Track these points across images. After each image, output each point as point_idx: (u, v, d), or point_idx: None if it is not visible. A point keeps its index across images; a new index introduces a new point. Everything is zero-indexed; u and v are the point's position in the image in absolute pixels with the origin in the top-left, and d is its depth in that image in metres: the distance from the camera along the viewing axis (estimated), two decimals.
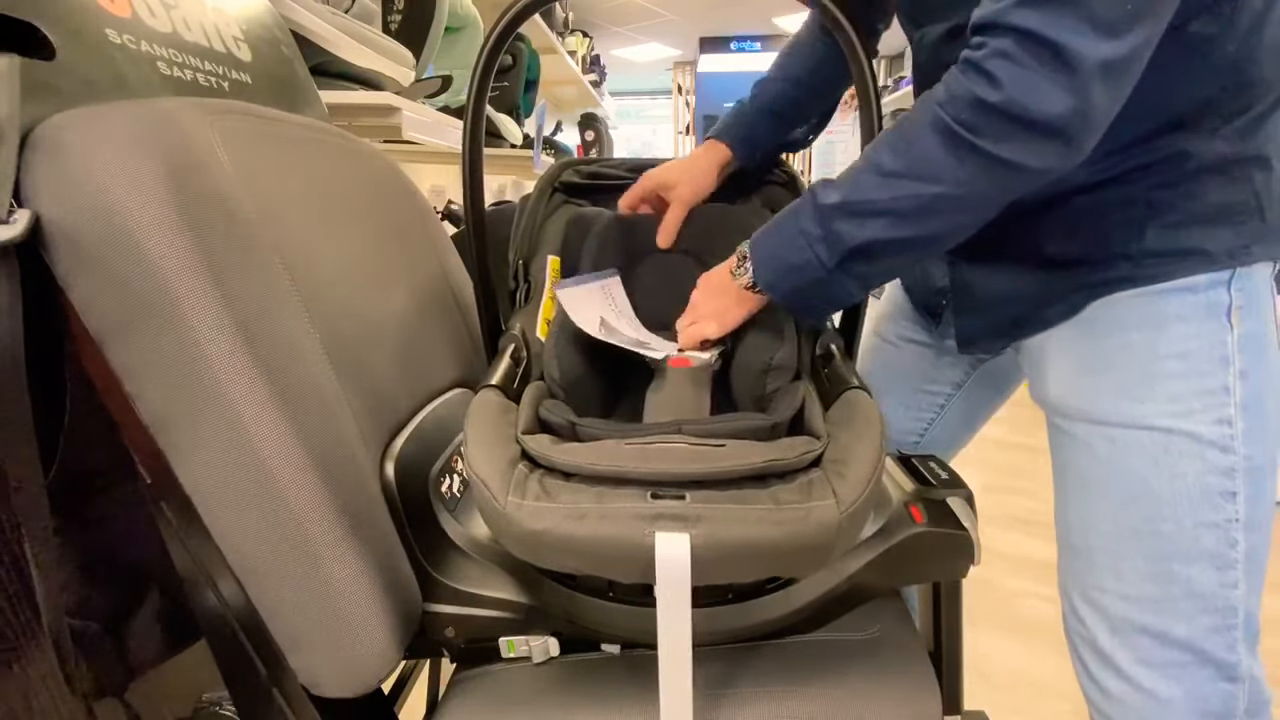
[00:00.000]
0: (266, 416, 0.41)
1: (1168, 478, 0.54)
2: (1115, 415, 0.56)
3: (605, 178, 0.76)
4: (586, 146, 3.10)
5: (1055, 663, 1.33)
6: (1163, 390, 0.54)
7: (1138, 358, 0.55)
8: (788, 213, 0.55)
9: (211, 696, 0.57)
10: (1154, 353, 0.55)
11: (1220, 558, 0.54)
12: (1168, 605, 0.55)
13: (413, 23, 1.21)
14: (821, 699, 0.51)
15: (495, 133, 1.77)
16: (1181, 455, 0.54)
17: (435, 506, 0.55)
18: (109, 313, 0.39)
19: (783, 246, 0.55)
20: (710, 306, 0.60)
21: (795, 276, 0.54)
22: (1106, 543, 0.58)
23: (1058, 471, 0.63)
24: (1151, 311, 0.55)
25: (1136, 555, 0.56)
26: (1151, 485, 0.55)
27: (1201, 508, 0.54)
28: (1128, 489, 0.56)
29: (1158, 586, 0.55)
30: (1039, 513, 1.82)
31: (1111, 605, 0.58)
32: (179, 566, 0.44)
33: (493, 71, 0.53)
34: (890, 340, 0.83)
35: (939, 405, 0.81)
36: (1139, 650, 0.56)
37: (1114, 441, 0.57)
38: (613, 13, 4.44)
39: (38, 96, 0.40)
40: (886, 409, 0.82)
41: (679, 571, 0.38)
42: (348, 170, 0.64)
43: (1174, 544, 0.54)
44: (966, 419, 0.83)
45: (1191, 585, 0.54)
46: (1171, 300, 0.54)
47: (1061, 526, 0.63)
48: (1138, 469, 0.55)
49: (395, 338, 0.60)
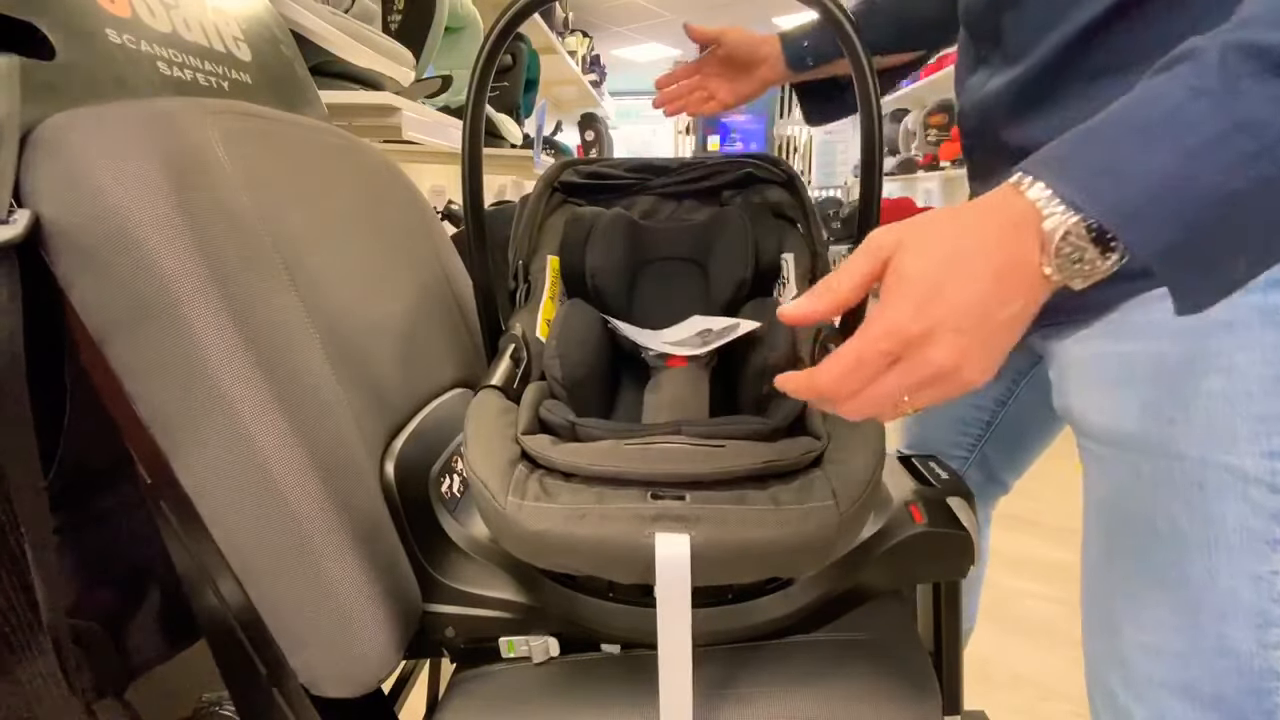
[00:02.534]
0: (266, 416, 0.41)
1: (1201, 520, 0.45)
2: (1143, 440, 0.48)
3: (605, 178, 0.76)
4: (586, 146, 3.11)
5: (1055, 663, 1.33)
6: (1200, 412, 0.45)
7: (1171, 371, 0.46)
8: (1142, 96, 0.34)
9: (211, 696, 0.57)
10: (1192, 366, 0.45)
11: (1262, 615, 0.45)
12: (1195, 661, 0.47)
13: (413, 23, 1.21)
14: (821, 699, 0.51)
15: (495, 133, 1.77)
16: (1219, 493, 0.45)
17: (435, 506, 0.55)
18: (109, 313, 0.39)
19: (1152, 144, 0.32)
20: (952, 303, 0.33)
21: (1189, 195, 0.31)
22: (1126, 586, 0.50)
23: (1085, 493, 0.55)
24: (1190, 317, 0.42)
25: (1160, 604, 0.48)
26: (1180, 527, 0.46)
27: (1242, 557, 0.44)
28: (1153, 528, 0.48)
29: (1183, 641, 0.47)
30: (1039, 513, 1.82)
31: (1130, 655, 0.50)
32: (179, 566, 0.44)
33: (492, 71, 0.53)
34: None
35: (985, 422, 0.75)
36: (1159, 708, 0.49)
37: (1138, 471, 0.48)
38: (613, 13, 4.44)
39: (38, 96, 0.40)
40: (929, 420, 0.80)
41: (679, 572, 0.38)
42: (348, 170, 0.64)
43: (1205, 596, 0.46)
44: (1016, 445, 0.76)
45: (1225, 643, 0.45)
46: (1216, 307, 0.43)
47: (1085, 551, 0.56)
48: (1165, 506, 0.47)
49: (395, 338, 0.60)
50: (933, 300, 0.33)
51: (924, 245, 0.34)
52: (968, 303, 0.33)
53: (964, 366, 0.34)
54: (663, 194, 0.77)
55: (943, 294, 0.33)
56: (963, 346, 0.33)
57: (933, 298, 0.33)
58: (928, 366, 0.33)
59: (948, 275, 0.33)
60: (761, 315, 0.62)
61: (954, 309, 0.33)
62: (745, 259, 0.68)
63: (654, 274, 0.72)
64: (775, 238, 0.69)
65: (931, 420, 0.80)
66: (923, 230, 0.35)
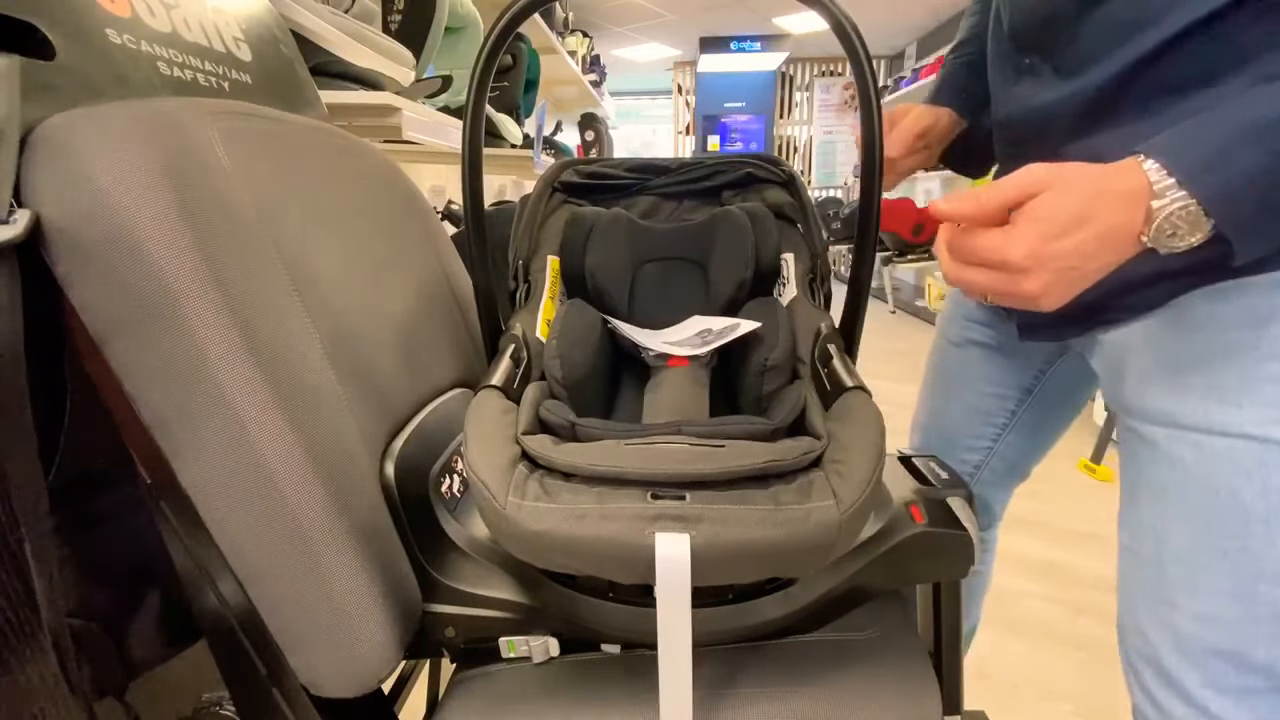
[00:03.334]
0: (266, 416, 0.41)
1: (1261, 491, 0.49)
2: (1205, 421, 0.51)
3: (605, 178, 0.76)
4: (586, 146, 3.11)
5: (1055, 663, 1.33)
6: (1263, 395, 0.49)
7: (1236, 358, 0.50)
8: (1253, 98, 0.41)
9: (211, 696, 0.57)
10: (1256, 352, 0.49)
11: None
12: (1249, 628, 0.50)
13: (413, 23, 1.21)
14: (822, 699, 0.51)
15: (495, 133, 1.77)
16: (1278, 466, 0.49)
17: (435, 506, 0.55)
18: (109, 313, 0.39)
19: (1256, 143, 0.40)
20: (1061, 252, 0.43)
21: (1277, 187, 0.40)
22: (1183, 555, 0.53)
23: (1129, 478, 0.58)
24: (1256, 306, 0.49)
25: (1219, 572, 0.51)
26: (1242, 498, 0.50)
27: None
28: (1214, 501, 0.51)
29: (1240, 607, 0.50)
30: (1040, 513, 1.82)
31: (1182, 623, 0.53)
32: (179, 566, 0.44)
33: (492, 71, 0.53)
34: (954, 341, 0.79)
35: (1009, 411, 0.77)
36: (1211, 673, 0.52)
37: (1201, 449, 0.51)
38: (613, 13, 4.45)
39: (38, 96, 0.40)
40: (951, 414, 0.81)
41: (679, 572, 0.38)
42: (348, 170, 0.64)
43: (1264, 563, 0.49)
44: (1036, 431, 0.78)
45: (1277, 607, 0.49)
46: (1277, 294, 0.48)
47: (1129, 533, 0.58)
48: (1228, 480, 0.50)
49: (395, 338, 0.60)
50: (1048, 245, 0.42)
51: (1063, 197, 0.43)
52: (1072, 254, 0.42)
53: (1043, 298, 0.44)
54: (663, 194, 0.77)
55: (1059, 242, 0.42)
56: (1051, 284, 0.43)
57: (1049, 243, 0.42)
58: (1016, 288, 0.44)
59: (1069, 229, 0.42)
60: (761, 315, 0.62)
61: (1059, 257, 0.42)
62: (745, 259, 0.68)
63: (654, 274, 0.72)
64: (775, 238, 0.69)
65: (951, 413, 0.81)
66: (1066, 182, 0.43)
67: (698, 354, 0.63)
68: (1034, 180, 0.43)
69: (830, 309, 0.64)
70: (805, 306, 0.64)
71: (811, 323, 0.61)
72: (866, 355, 0.57)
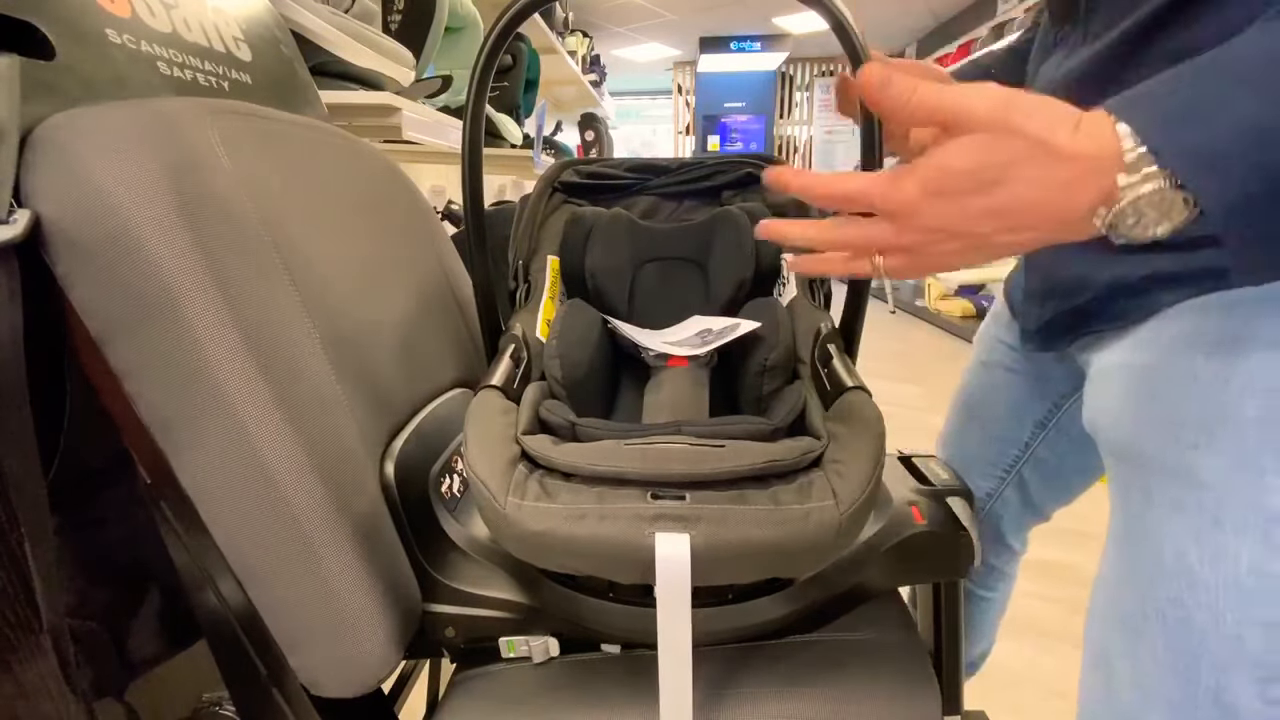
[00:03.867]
0: (266, 417, 0.41)
1: (1211, 556, 0.41)
2: (1159, 460, 0.44)
3: (605, 178, 0.76)
4: (586, 146, 3.11)
5: (1055, 663, 1.33)
6: (1228, 439, 0.41)
7: (1202, 390, 0.42)
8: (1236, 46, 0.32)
9: (211, 696, 0.57)
10: (1226, 386, 0.41)
11: (1266, 667, 0.40)
12: (1189, 712, 0.43)
13: (413, 23, 1.21)
14: (821, 699, 0.51)
15: (495, 133, 1.77)
16: (1238, 531, 0.40)
17: (435, 506, 0.55)
18: (109, 313, 0.39)
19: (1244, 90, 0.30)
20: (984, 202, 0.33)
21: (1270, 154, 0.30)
22: (1125, 618, 0.46)
23: (1110, 506, 0.52)
24: (1232, 330, 0.41)
25: (1158, 643, 0.44)
26: (1188, 562, 0.42)
27: (1253, 602, 0.40)
28: (1159, 560, 0.44)
29: (1179, 688, 0.43)
30: None
31: (1122, 693, 0.46)
32: (179, 566, 0.44)
33: (492, 71, 0.53)
34: (983, 360, 0.75)
35: (1024, 443, 0.71)
36: None
37: (1150, 496, 0.44)
38: (613, 13, 4.45)
39: (38, 96, 0.40)
40: (971, 435, 0.77)
41: (679, 572, 0.38)
42: (348, 170, 0.64)
43: (1206, 640, 0.42)
44: (1057, 472, 0.71)
45: (1221, 695, 0.41)
46: (1264, 318, 0.40)
47: (1097, 577, 0.52)
48: (1174, 537, 0.43)
49: (395, 338, 0.60)
50: (936, 202, 0.34)
51: (994, 144, 0.33)
52: (974, 219, 0.34)
53: (908, 261, 0.36)
54: (663, 194, 0.77)
55: (956, 202, 0.33)
56: (921, 244, 0.35)
57: (939, 200, 0.34)
58: (865, 235, 0.36)
59: (979, 189, 0.33)
60: (761, 315, 0.62)
61: (945, 220, 0.34)
62: (745, 259, 0.68)
63: (654, 274, 0.72)
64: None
65: (970, 435, 0.77)
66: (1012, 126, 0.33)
67: (698, 354, 0.63)
68: (973, 109, 0.33)
69: (830, 309, 0.64)
70: (805, 306, 0.64)
71: (811, 323, 0.61)
72: (866, 355, 0.57)
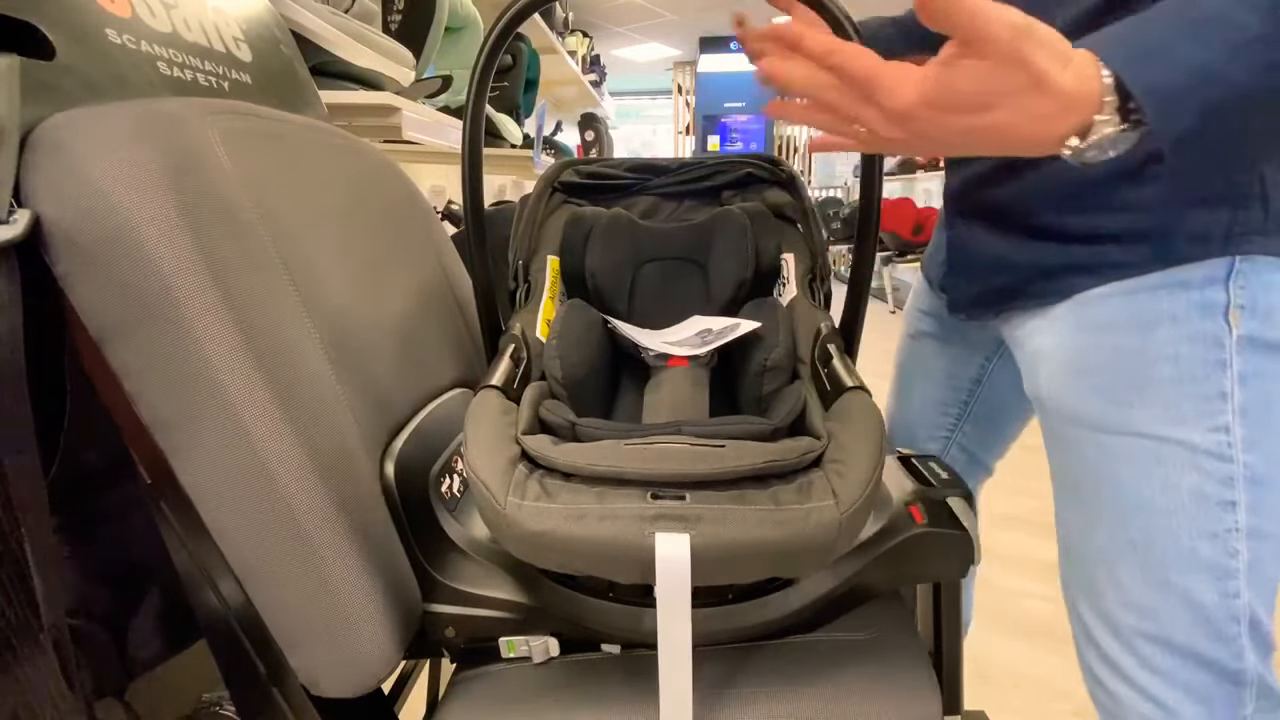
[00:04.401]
0: (266, 416, 0.41)
1: (1160, 488, 0.52)
2: (1104, 421, 0.54)
3: (605, 178, 0.76)
4: (586, 146, 3.11)
5: (1055, 663, 1.33)
6: (1154, 396, 0.52)
7: (1127, 361, 0.53)
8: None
9: (211, 696, 0.57)
10: (1144, 356, 0.52)
11: (1219, 568, 0.52)
12: (1167, 614, 0.54)
13: (413, 23, 1.21)
14: (821, 699, 0.51)
15: (495, 133, 1.77)
16: (1175, 465, 0.51)
17: (435, 506, 0.55)
18: (109, 313, 0.39)
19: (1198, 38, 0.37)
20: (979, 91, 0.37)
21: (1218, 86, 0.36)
22: (1102, 551, 0.56)
23: (1053, 472, 0.62)
24: (1142, 311, 0.52)
25: (1133, 565, 0.54)
26: (1144, 495, 0.53)
27: (1199, 518, 0.51)
28: (1120, 498, 0.54)
29: (1156, 596, 0.54)
30: (1039, 512, 1.82)
31: (1113, 611, 0.57)
32: (179, 566, 0.44)
33: (492, 71, 0.53)
34: (910, 333, 0.82)
35: (962, 402, 0.79)
36: (1142, 655, 0.55)
37: (1103, 448, 0.54)
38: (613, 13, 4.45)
39: (38, 96, 0.40)
40: (912, 404, 0.83)
41: (679, 572, 0.38)
42: (348, 170, 0.64)
43: (1170, 555, 0.53)
44: (992, 423, 0.79)
45: (1190, 595, 0.52)
46: (1163, 299, 0.52)
47: (1060, 528, 0.62)
48: (1129, 478, 0.53)
49: (395, 338, 0.60)
50: (933, 113, 0.38)
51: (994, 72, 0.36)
52: (953, 133, 0.38)
53: (892, 143, 0.41)
54: (663, 194, 0.77)
55: (947, 118, 0.38)
56: (908, 144, 0.40)
57: (937, 112, 0.38)
58: (864, 114, 0.40)
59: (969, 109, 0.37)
60: (761, 315, 0.62)
61: (936, 128, 0.38)
62: (745, 259, 0.68)
63: (654, 274, 0.72)
64: (775, 238, 0.69)
65: (913, 403, 0.83)
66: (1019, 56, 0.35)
67: (698, 354, 0.63)
68: (996, 33, 0.35)
69: (830, 309, 0.64)
70: (805, 306, 0.64)
71: (811, 323, 0.61)
72: (866, 355, 0.57)
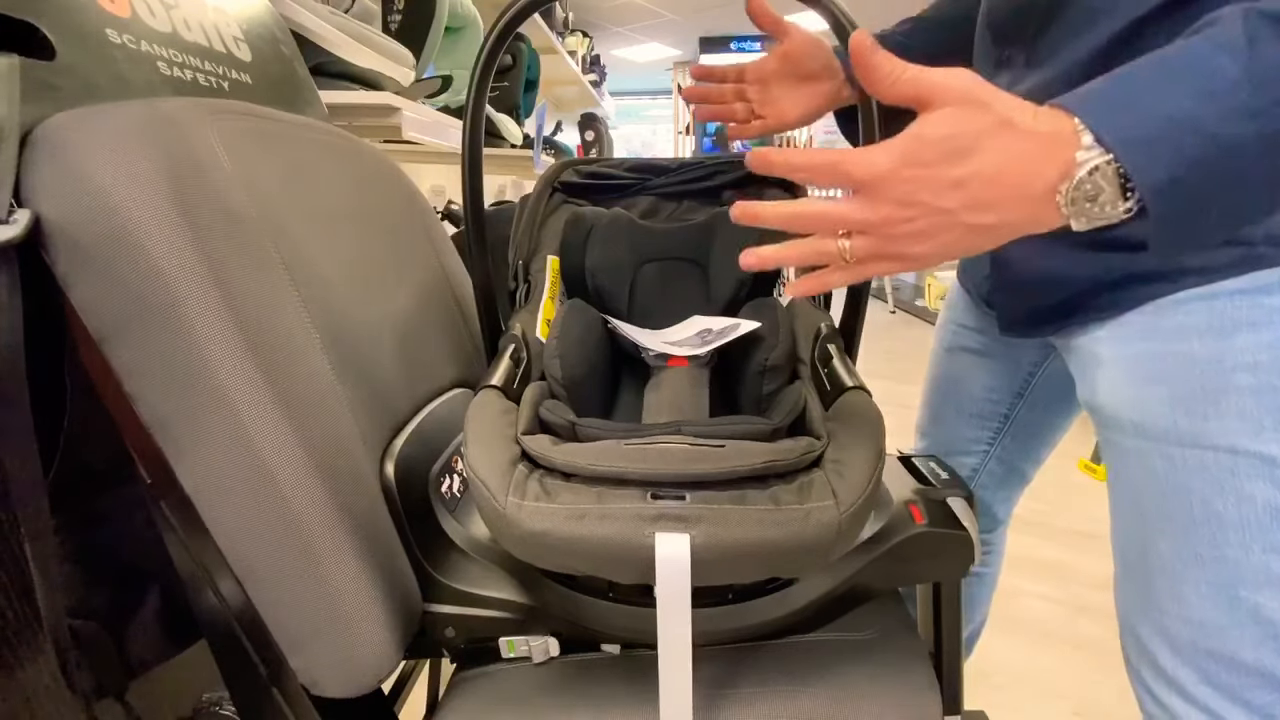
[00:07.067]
0: (266, 416, 0.41)
1: (1234, 501, 0.50)
2: (1174, 433, 0.52)
3: (605, 178, 0.76)
4: (586, 146, 3.10)
5: (1055, 663, 1.33)
6: (1230, 406, 0.49)
7: (1201, 370, 0.50)
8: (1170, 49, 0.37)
9: (211, 696, 0.57)
10: (1220, 364, 0.49)
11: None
12: (1234, 631, 0.51)
13: (413, 23, 1.21)
14: (821, 699, 0.51)
15: (495, 133, 1.77)
16: (1250, 477, 0.49)
17: (435, 506, 0.55)
18: (109, 313, 0.39)
19: (1173, 85, 0.35)
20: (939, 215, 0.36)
21: (1196, 134, 0.34)
22: (1166, 565, 0.54)
23: (1111, 483, 0.59)
24: (1217, 317, 0.50)
25: (1199, 580, 0.52)
26: (1215, 509, 0.50)
27: (1273, 532, 0.49)
28: (1189, 512, 0.52)
29: (1222, 611, 0.51)
30: (1040, 512, 1.82)
31: (1173, 627, 0.54)
32: (179, 566, 0.44)
33: (492, 71, 0.53)
34: (946, 347, 0.80)
35: (1002, 415, 0.78)
36: (1205, 672, 0.53)
37: (1172, 461, 0.52)
38: (613, 13, 4.45)
39: (38, 96, 0.40)
40: (947, 419, 0.82)
41: (679, 572, 0.38)
42: (348, 170, 0.64)
43: (1240, 570, 0.50)
44: (1033, 435, 0.78)
45: (1260, 611, 0.50)
46: (1241, 304, 0.49)
47: (1117, 542, 0.59)
48: (1200, 491, 0.51)
49: (395, 338, 0.60)
50: (911, 169, 0.36)
51: (962, 115, 0.36)
52: (942, 189, 0.36)
53: (912, 247, 0.38)
54: (662, 194, 0.77)
55: (928, 170, 0.36)
56: (891, 219, 0.37)
57: (914, 167, 0.36)
58: (838, 213, 0.39)
59: (950, 157, 0.36)
60: (761, 315, 0.62)
61: (920, 187, 0.36)
62: None
63: (654, 274, 0.72)
64: (775, 238, 0.69)
65: (947, 419, 0.82)
66: (979, 101, 0.36)
67: (698, 354, 0.63)
68: (949, 84, 0.36)
69: (830, 309, 0.64)
70: (805, 306, 0.64)
71: (811, 323, 0.61)
72: (866, 355, 0.57)
